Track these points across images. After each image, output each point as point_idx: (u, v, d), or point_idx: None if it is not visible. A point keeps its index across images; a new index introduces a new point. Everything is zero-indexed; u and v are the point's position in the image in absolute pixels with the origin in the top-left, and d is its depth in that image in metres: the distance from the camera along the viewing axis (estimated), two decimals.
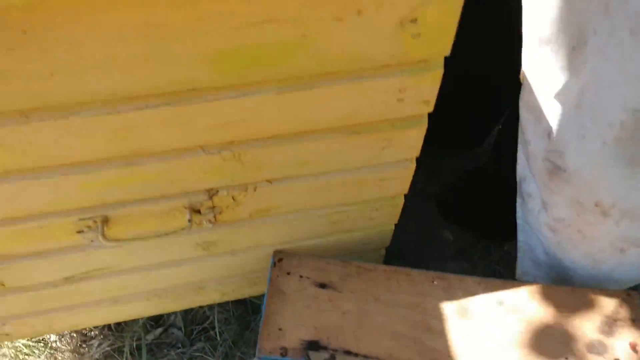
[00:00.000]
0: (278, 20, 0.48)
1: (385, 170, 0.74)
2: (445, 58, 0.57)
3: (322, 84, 0.57)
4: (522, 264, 0.96)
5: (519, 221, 0.92)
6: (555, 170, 0.73)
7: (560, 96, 0.67)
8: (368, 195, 0.80)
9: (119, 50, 0.48)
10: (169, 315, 1.14)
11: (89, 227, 0.70)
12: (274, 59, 0.52)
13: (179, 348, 1.10)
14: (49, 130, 0.55)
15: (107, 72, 0.49)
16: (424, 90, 0.60)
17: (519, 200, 0.89)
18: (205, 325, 1.13)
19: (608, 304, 0.78)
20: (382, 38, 0.52)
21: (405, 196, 0.82)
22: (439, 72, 0.58)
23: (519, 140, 0.81)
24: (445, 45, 0.55)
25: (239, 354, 1.09)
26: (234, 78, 0.53)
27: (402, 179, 0.77)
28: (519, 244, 0.95)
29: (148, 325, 1.13)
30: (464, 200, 1.21)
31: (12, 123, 0.53)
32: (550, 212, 0.81)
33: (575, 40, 0.62)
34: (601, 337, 0.75)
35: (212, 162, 0.65)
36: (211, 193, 0.70)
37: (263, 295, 0.98)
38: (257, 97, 0.56)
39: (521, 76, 0.74)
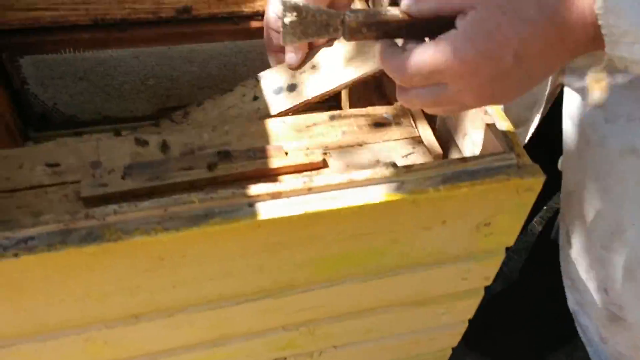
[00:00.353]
0: (375, 233, 0.55)
1: (441, 330, 0.79)
2: None
3: (403, 272, 0.63)
4: None
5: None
6: (615, 318, 0.78)
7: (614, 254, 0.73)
8: (421, 350, 0.84)
9: (237, 264, 0.54)
10: None
11: None
12: (365, 260, 0.59)
13: None
14: (152, 327, 0.59)
15: (222, 281, 0.55)
16: (486, 270, 0.67)
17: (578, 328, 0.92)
18: None
19: None
20: (460, 239, 0.59)
21: None
22: (501, 257, 0.65)
23: (565, 282, 0.86)
24: (510, 239, 0.62)
25: None
26: (327, 275, 0.59)
27: (453, 336, 0.83)
28: None
29: None
30: (491, 329, 1.25)
31: (122, 324, 0.58)
32: (610, 345, 0.84)
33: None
34: None
35: (288, 337, 0.70)
36: None
37: None
38: (343, 285, 0.62)
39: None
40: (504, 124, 0.58)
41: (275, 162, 0.61)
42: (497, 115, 0.59)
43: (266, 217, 0.49)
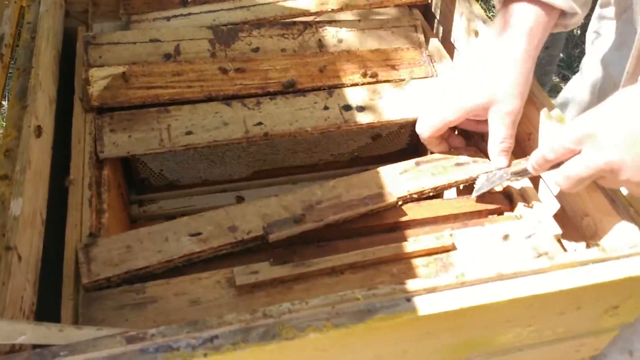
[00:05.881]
0: (516, 320, 0.58)
1: None
2: None
3: (526, 349, 0.65)
4: None
5: None
6: None
7: None
8: None
9: (386, 350, 0.57)
10: None
11: None
12: (499, 342, 0.61)
13: None
14: None
15: None
16: (599, 343, 0.70)
17: None
18: None
19: None
20: (587, 321, 0.62)
21: None
22: (617, 331, 0.68)
23: None
24: (632, 318, 0.65)
25: None
26: (459, 355, 0.62)
27: None
28: None
29: None
30: None
31: None
32: None
33: None
34: None
35: None
36: None
37: None
38: None
39: None
40: (631, 209, 0.61)
41: (409, 247, 0.64)
42: (621, 200, 0.62)
43: (424, 312, 0.52)
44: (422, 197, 0.73)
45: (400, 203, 0.72)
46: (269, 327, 0.50)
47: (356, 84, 0.86)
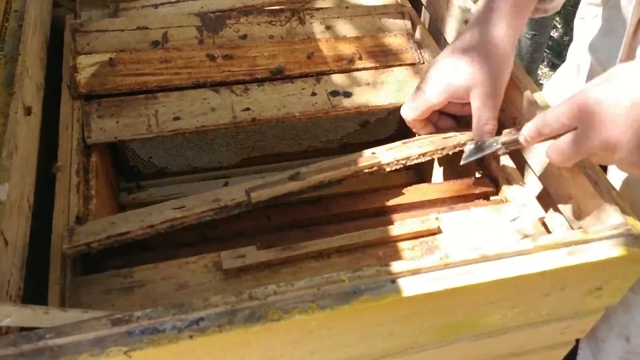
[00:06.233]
0: (500, 301, 0.59)
1: None
2: None
3: (512, 331, 0.66)
4: None
5: None
6: None
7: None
8: None
9: (372, 332, 0.57)
10: None
11: None
12: (484, 323, 0.62)
13: None
14: None
15: (354, 347, 0.58)
16: (584, 325, 0.71)
17: None
18: None
19: None
20: (571, 302, 0.63)
21: None
22: (601, 313, 0.69)
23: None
24: (616, 299, 0.65)
25: None
26: (445, 337, 0.63)
27: None
28: None
29: None
30: None
31: None
32: None
33: None
34: None
35: None
36: None
37: None
38: (456, 345, 0.66)
39: None
40: (613, 192, 0.62)
41: (395, 230, 0.64)
42: (604, 183, 0.63)
43: (409, 293, 0.53)
44: (408, 164, 0.73)
45: (387, 170, 0.72)
46: (255, 309, 0.50)
47: (344, 71, 0.86)
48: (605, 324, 0.83)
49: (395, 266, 0.54)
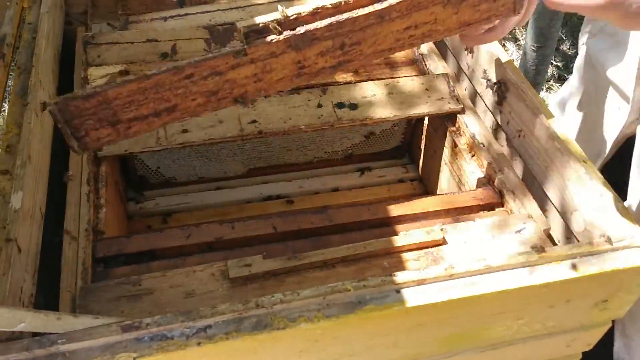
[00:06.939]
0: (505, 312, 0.59)
1: None
2: None
3: (517, 343, 0.67)
4: None
5: None
6: None
7: None
8: None
9: (377, 341, 0.58)
10: None
11: None
12: (488, 335, 0.62)
13: None
14: None
15: (359, 356, 0.59)
16: (591, 338, 0.71)
17: None
18: None
19: None
20: (577, 314, 0.63)
21: None
22: (608, 326, 0.69)
23: (616, 326, 0.89)
24: (622, 312, 0.66)
25: None
26: (450, 348, 0.63)
27: None
28: None
29: None
30: None
31: None
32: None
33: None
34: None
35: None
36: None
37: None
38: (464, 355, 0.66)
39: None
40: (619, 205, 0.63)
41: (400, 241, 0.65)
42: (610, 194, 0.63)
43: (413, 304, 0.53)
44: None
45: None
46: (261, 317, 0.51)
47: (349, 82, 0.88)
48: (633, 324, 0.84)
49: (400, 276, 0.54)
